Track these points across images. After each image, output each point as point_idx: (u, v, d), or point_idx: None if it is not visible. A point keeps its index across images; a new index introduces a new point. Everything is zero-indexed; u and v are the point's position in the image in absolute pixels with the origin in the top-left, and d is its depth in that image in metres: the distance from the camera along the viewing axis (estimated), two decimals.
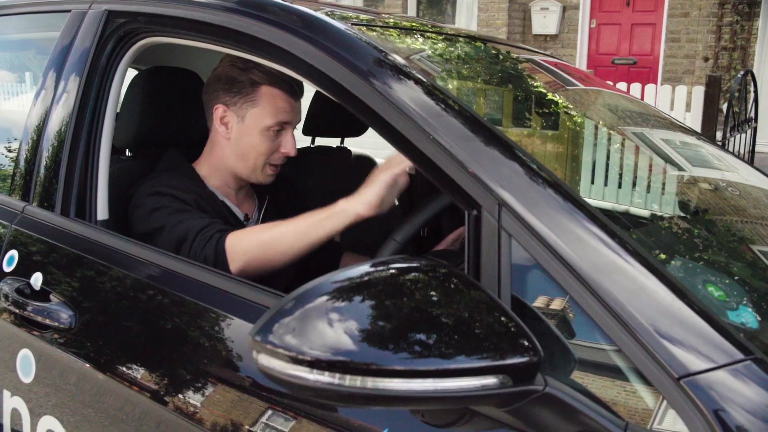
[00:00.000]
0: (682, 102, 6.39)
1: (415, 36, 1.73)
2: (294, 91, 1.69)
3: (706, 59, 8.81)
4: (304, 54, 1.28)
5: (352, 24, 1.42)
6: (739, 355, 0.87)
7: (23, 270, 1.50)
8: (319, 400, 0.92)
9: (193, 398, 1.19)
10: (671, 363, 0.86)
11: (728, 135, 5.74)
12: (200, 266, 1.31)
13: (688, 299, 0.92)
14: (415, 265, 0.94)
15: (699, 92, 6.17)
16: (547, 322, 0.97)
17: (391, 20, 1.85)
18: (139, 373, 1.27)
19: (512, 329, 0.89)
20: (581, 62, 9.86)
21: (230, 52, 1.48)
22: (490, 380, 0.84)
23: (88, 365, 1.34)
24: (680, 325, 0.89)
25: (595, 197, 1.83)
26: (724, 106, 6.51)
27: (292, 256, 1.43)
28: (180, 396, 1.21)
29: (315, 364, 0.81)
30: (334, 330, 0.83)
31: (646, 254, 0.97)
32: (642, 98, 6.64)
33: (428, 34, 1.78)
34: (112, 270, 1.39)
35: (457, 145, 1.08)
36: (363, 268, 0.91)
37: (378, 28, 1.60)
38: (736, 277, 1.18)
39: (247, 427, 1.13)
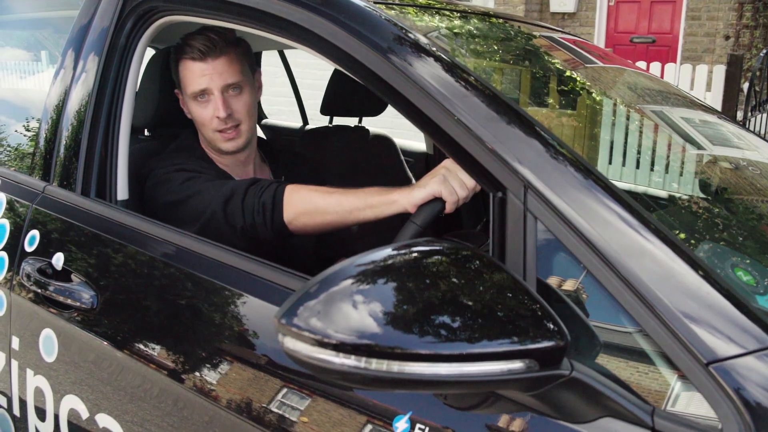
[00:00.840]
0: (702, 81, 6.29)
1: (436, 14, 1.70)
2: (195, 54, 1.66)
3: (727, 37, 8.66)
4: (325, 33, 1.27)
5: (374, 2, 1.40)
6: None
7: (44, 250, 1.50)
8: (344, 384, 0.92)
9: (210, 376, 1.20)
10: (699, 348, 0.85)
11: (749, 115, 5.66)
12: (220, 246, 1.31)
13: (716, 283, 0.91)
14: (438, 248, 0.93)
15: (720, 71, 6.07)
16: (573, 306, 0.95)
17: None
18: (157, 352, 1.28)
19: (538, 312, 0.88)
20: (599, 41, 9.73)
21: (249, 30, 1.47)
22: (516, 365, 0.84)
23: (109, 344, 1.35)
24: (708, 309, 0.88)
25: (614, 177, 1.81)
26: (745, 86, 6.41)
27: (335, 226, 1.45)
28: (197, 374, 1.22)
29: (340, 347, 0.80)
30: (359, 313, 0.83)
31: (674, 238, 0.96)
32: (662, 78, 6.55)
33: (447, 12, 1.76)
34: (132, 250, 1.39)
35: (482, 126, 1.06)
36: (386, 252, 0.90)
37: (396, 7, 1.58)
38: (764, 262, 1.16)
39: (263, 404, 1.13)
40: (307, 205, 1.44)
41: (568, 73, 1.91)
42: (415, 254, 0.91)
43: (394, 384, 0.82)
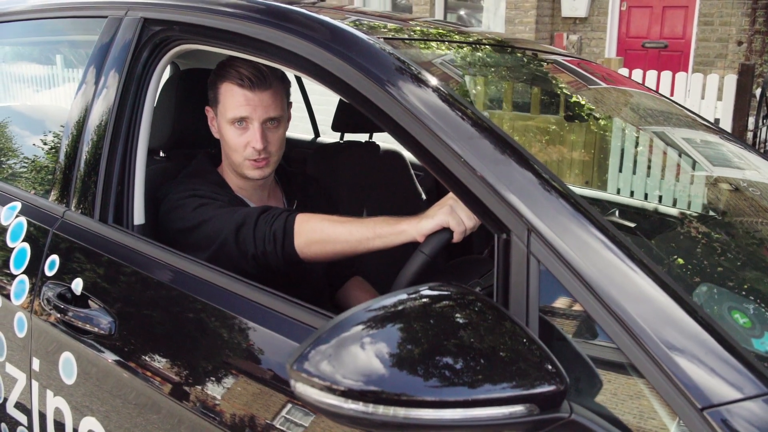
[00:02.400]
0: (713, 90, 6.28)
1: (444, 47, 1.74)
2: (245, 83, 1.69)
3: (740, 43, 8.64)
4: (335, 69, 1.31)
5: (385, 39, 1.44)
6: (763, 388, 0.89)
7: (64, 275, 1.55)
8: (353, 427, 0.96)
9: (229, 405, 1.24)
10: (694, 393, 0.88)
11: (761, 123, 5.66)
12: (236, 277, 1.35)
13: (712, 329, 0.94)
14: (446, 293, 0.97)
15: (731, 81, 6.07)
16: (574, 346, 0.99)
17: (417, 28, 1.86)
18: (176, 380, 1.32)
19: (539, 357, 0.91)
20: (611, 46, 9.73)
21: (260, 61, 1.52)
22: (517, 408, 0.87)
23: (127, 371, 1.39)
24: (704, 355, 0.91)
25: (615, 194, 1.85)
26: (758, 92, 6.40)
27: (345, 255, 1.48)
28: (216, 401, 1.26)
29: (348, 393, 0.84)
30: (368, 359, 0.87)
31: (674, 283, 0.99)
32: (672, 87, 6.55)
33: (456, 44, 1.79)
34: (149, 278, 1.44)
35: (488, 168, 1.10)
36: (397, 297, 0.94)
37: (404, 41, 1.62)
38: (760, 302, 1.19)
39: (267, 421, 1.17)
40: (318, 234, 1.48)
41: (573, 99, 1.94)
42: (424, 300, 0.95)
43: (401, 428, 0.86)
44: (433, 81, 1.27)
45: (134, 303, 1.45)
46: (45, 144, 1.95)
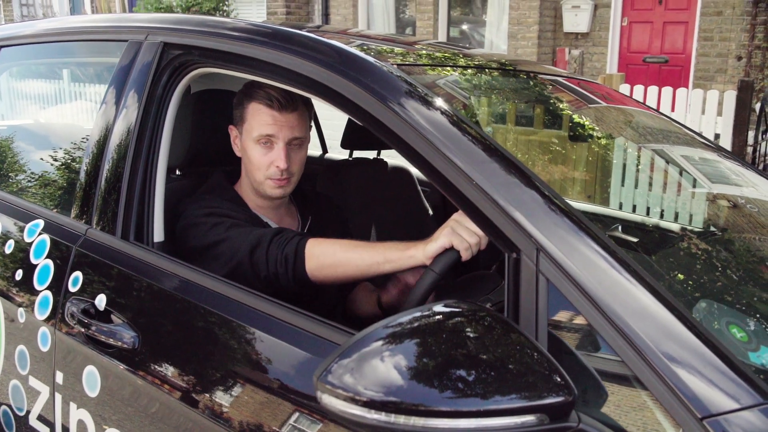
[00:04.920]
0: (713, 106, 6.36)
1: (450, 71, 1.80)
2: (274, 104, 1.74)
3: (739, 58, 8.74)
4: (350, 95, 1.38)
5: (398, 65, 1.50)
6: (759, 399, 0.95)
7: (87, 291, 1.61)
8: None
9: (250, 419, 1.29)
10: (695, 404, 0.94)
11: (760, 138, 5.73)
12: (256, 294, 1.40)
13: (711, 343, 1.00)
14: (457, 310, 1.04)
15: (731, 97, 6.15)
16: (581, 359, 1.05)
17: (424, 52, 1.93)
18: (200, 394, 1.38)
19: (548, 369, 0.97)
20: (612, 60, 9.82)
21: (276, 84, 1.58)
22: (528, 418, 0.93)
23: (151, 384, 1.45)
24: (704, 368, 0.97)
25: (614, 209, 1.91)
26: (757, 106, 6.47)
27: (356, 279, 1.55)
28: (239, 415, 1.31)
29: (370, 404, 0.90)
30: (387, 372, 0.93)
31: (674, 300, 1.05)
32: (673, 102, 6.63)
33: (461, 68, 1.86)
34: (173, 294, 1.50)
35: (498, 191, 1.16)
36: (412, 315, 1.01)
37: (416, 66, 1.69)
38: (758, 317, 1.25)
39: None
40: (329, 258, 1.54)
41: (576, 119, 2.01)
42: (437, 317, 1.01)
43: None
44: (445, 106, 1.34)
45: (158, 318, 1.50)
46: (66, 162, 2.02)
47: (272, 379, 1.30)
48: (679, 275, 1.46)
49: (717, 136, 6.16)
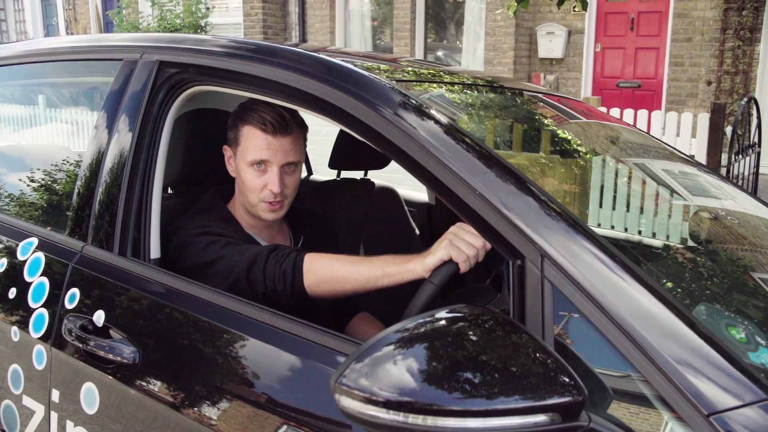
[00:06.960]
0: (688, 128, 6.52)
1: (436, 87, 1.84)
2: (268, 128, 1.73)
3: (709, 83, 8.94)
4: (364, 117, 1.39)
5: (396, 80, 1.54)
6: (761, 395, 0.98)
7: (85, 307, 1.60)
8: None
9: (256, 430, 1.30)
10: (701, 401, 0.97)
11: (733, 159, 5.86)
12: (257, 306, 1.41)
13: (714, 343, 1.03)
14: (460, 315, 1.06)
15: (704, 119, 6.30)
16: (588, 364, 1.07)
17: (410, 69, 1.97)
18: (200, 406, 1.37)
19: (557, 370, 1.00)
20: (586, 85, 10.00)
21: (277, 102, 1.60)
22: (541, 418, 0.95)
23: (151, 399, 1.44)
24: (708, 367, 1.00)
25: (605, 226, 1.95)
26: (728, 129, 6.62)
27: (354, 293, 1.55)
28: (242, 429, 1.31)
29: (386, 404, 0.92)
30: (400, 374, 0.95)
31: (678, 303, 1.08)
32: (649, 124, 6.77)
33: (453, 84, 1.90)
34: (173, 309, 1.50)
35: (500, 199, 1.19)
36: (419, 320, 1.03)
37: (413, 83, 1.72)
38: (753, 319, 1.28)
39: None
40: (327, 273, 1.55)
41: (561, 134, 2.05)
42: (442, 322, 1.04)
43: None
44: (445, 119, 1.37)
45: (158, 333, 1.50)
46: (60, 180, 2.01)
47: (280, 392, 1.30)
48: (668, 284, 1.50)
49: (692, 156, 6.27)
